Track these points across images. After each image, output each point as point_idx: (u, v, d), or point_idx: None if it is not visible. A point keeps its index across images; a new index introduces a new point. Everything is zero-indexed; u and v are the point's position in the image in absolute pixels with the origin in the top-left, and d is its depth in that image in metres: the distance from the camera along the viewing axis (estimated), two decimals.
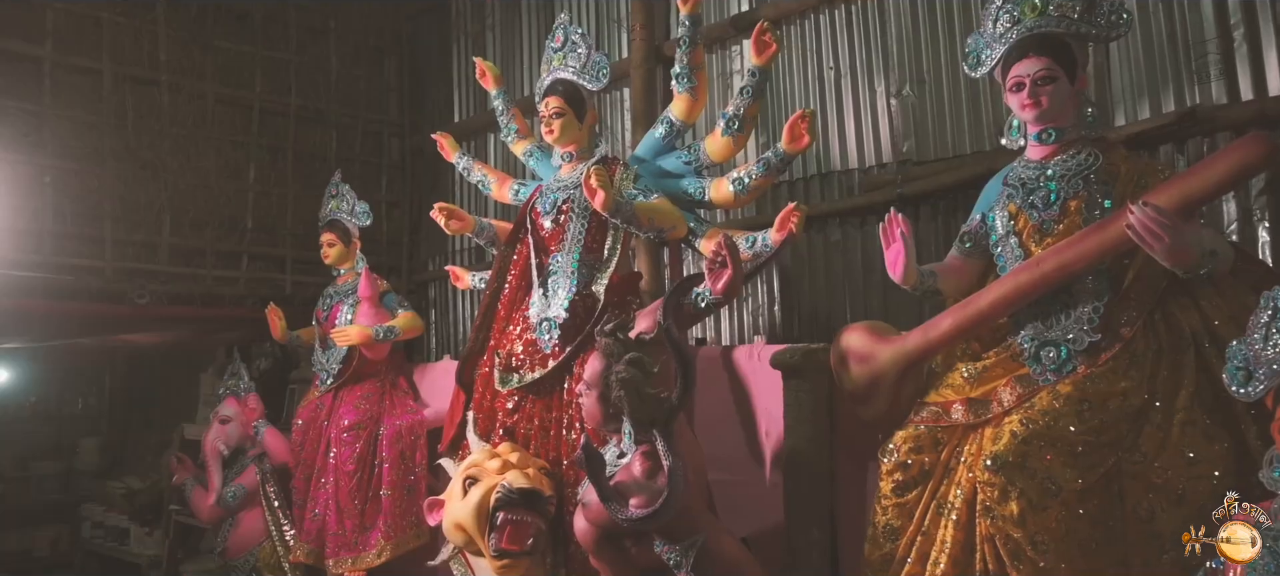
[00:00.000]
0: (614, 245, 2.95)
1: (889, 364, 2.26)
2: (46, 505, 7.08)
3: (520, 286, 3.19)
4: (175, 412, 6.57)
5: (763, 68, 2.74)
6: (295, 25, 5.04)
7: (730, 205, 2.86)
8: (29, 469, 7.28)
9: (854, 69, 3.58)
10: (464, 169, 3.62)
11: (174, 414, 6.55)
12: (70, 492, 7.18)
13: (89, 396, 7.85)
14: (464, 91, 5.34)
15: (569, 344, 2.89)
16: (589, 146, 3.10)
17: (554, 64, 3.11)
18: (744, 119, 2.79)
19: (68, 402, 7.75)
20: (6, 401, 7.42)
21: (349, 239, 4.11)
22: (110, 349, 6.57)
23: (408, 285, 5.33)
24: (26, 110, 4.05)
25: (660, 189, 2.92)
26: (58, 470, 7.33)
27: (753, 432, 2.87)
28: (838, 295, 3.55)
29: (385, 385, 3.93)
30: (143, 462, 6.94)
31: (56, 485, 7.30)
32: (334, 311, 4.00)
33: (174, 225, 4.43)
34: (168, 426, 6.46)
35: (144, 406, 7.54)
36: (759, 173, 2.72)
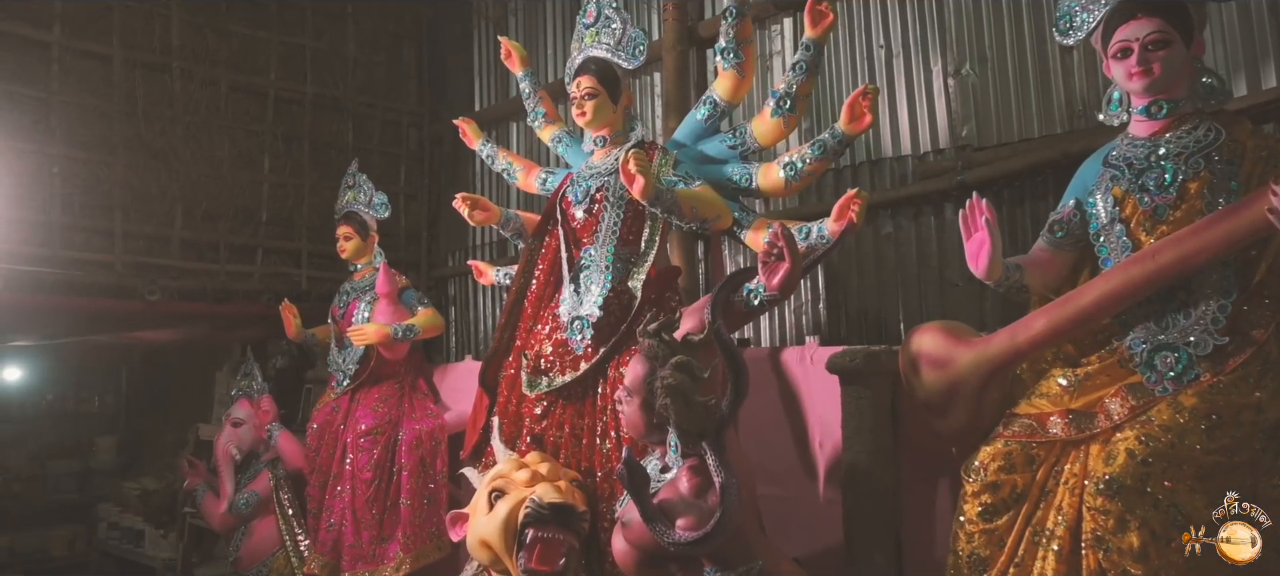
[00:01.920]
0: (652, 237, 2.70)
1: (969, 370, 1.99)
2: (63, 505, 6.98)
3: (549, 282, 2.95)
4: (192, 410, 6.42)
5: (817, 41, 2.48)
6: (312, 10, 4.84)
7: (780, 193, 2.61)
8: (45, 467, 7.17)
9: (907, 46, 3.31)
10: (487, 157, 3.39)
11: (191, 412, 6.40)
12: (86, 492, 7.07)
13: (105, 393, 7.72)
14: (485, 78, 5.11)
15: (603, 344, 2.65)
16: (624, 130, 2.86)
17: (586, 41, 2.87)
18: (796, 97, 2.53)
19: (84, 400, 7.63)
20: (23, 399, 7.31)
21: (366, 232, 3.89)
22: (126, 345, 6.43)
23: (427, 281, 5.12)
24: (33, 97, 3.86)
25: (702, 175, 2.68)
26: (74, 469, 7.22)
27: (805, 443, 2.62)
28: (889, 292, 3.29)
29: (404, 387, 3.71)
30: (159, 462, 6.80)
31: (73, 484, 7.19)
32: (350, 309, 3.79)
33: (186, 217, 4.23)
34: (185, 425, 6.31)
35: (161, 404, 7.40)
36: (814, 156, 2.46)
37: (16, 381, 7.21)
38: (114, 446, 7.34)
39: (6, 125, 3.75)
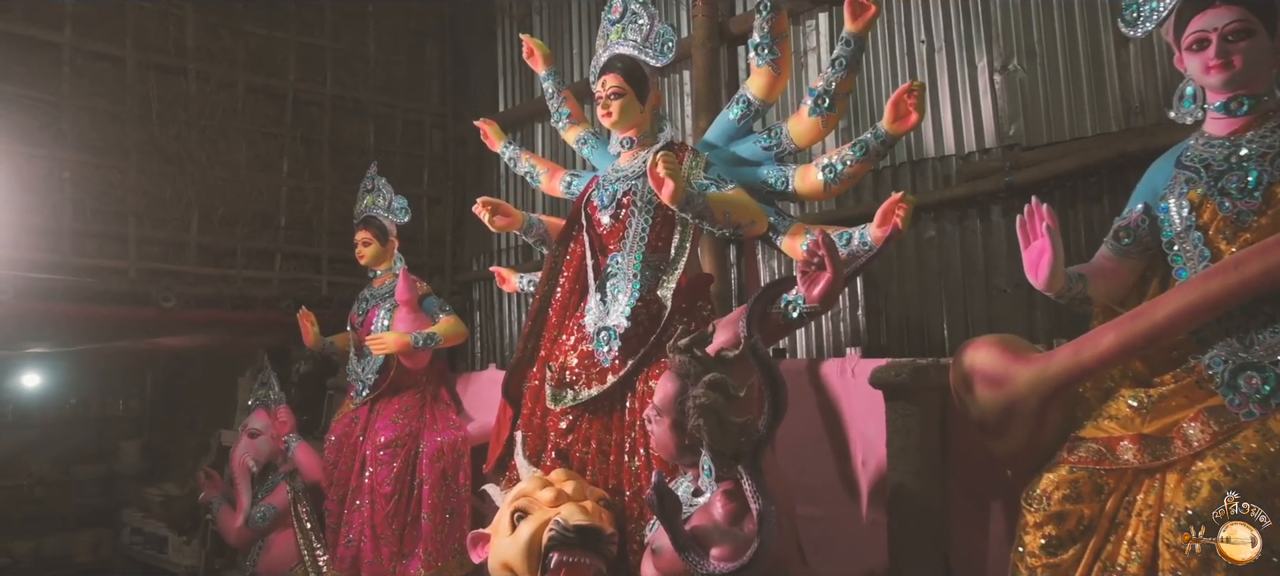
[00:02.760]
0: (682, 243, 2.56)
1: (1028, 388, 1.83)
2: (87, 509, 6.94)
3: (574, 290, 2.82)
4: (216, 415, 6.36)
5: (859, 35, 2.33)
6: (331, 9, 4.73)
7: (819, 196, 2.46)
8: (70, 472, 7.14)
9: (950, 41, 3.15)
10: (510, 159, 3.26)
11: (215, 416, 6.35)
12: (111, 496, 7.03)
13: (130, 397, 7.70)
14: (509, 78, 4.99)
15: (631, 356, 2.52)
16: (652, 131, 2.72)
17: (612, 38, 2.74)
18: (836, 95, 2.38)
19: (109, 404, 7.61)
20: (46, 403, 7.30)
21: (386, 237, 3.78)
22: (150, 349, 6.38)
23: (450, 286, 5.00)
24: (44, 100, 3.78)
25: (735, 178, 2.54)
26: (98, 474, 7.18)
27: (846, 460, 2.46)
28: (932, 299, 3.12)
29: (425, 397, 3.60)
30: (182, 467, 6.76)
31: (97, 489, 7.15)
32: (370, 316, 3.68)
33: (202, 222, 4.14)
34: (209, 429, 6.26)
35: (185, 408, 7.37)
36: (855, 157, 2.31)
37: (41, 386, 7.20)
38: (138, 450, 7.31)
39: (16, 129, 3.68)
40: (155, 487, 6.33)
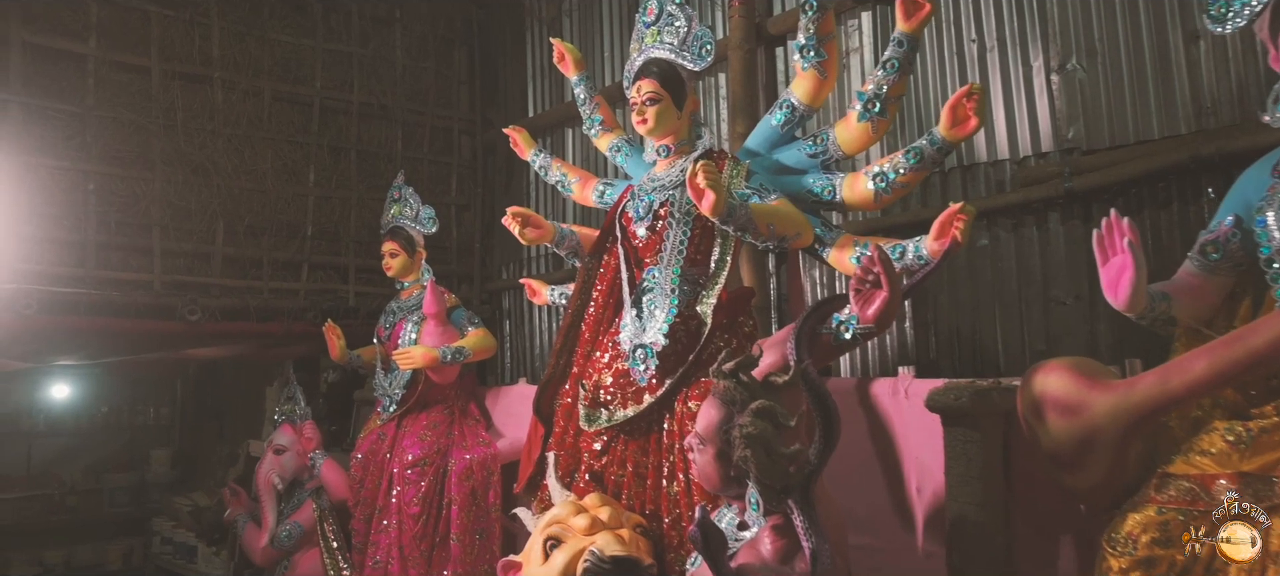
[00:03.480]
0: (723, 256, 2.42)
1: (1108, 418, 1.68)
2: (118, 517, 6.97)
3: (608, 305, 2.69)
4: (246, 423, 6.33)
5: (912, 35, 2.18)
6: (358, 14, 4.66)
7: (868, 207, 2.31)
8: (101, 480, 7.17)
9: (1003, 39, 2.99)
10: (541, 167, 3.14)
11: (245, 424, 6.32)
12: (142, 505, 7.04)
13: (161, 405, 7.71)
14: (539, 83, 4.88)
15: (669, 376, 2.39)
16: (690, 138, 2.58)
17: (646, 41, 2.60)
18: (887, 99, 2.23)
19: (140, 412, 7.63)
20: (78, 411, 7.33)
21: (413, 248, 3.67)
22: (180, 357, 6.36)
23: (480, 295, 4.90)
24: (69, 111, 3.73)
25: (778, 187, 2.39)
26: (129, 482, 7.20)
27: (900, 487, 2.31)
28: (985, 312, 2.96)
29: (454, 413, 3.49)
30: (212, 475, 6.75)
31: (128, 497, 7.17)
32: (397, 329, 3.58)
33: (228, 233, 4.08)
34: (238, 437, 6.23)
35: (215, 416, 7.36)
36: (909, 165, 2.16)
37: (72, 394, 7.23)
38: (168, 459, 7.32)
39: (41, 142, 3.63)
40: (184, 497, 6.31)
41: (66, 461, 7.22)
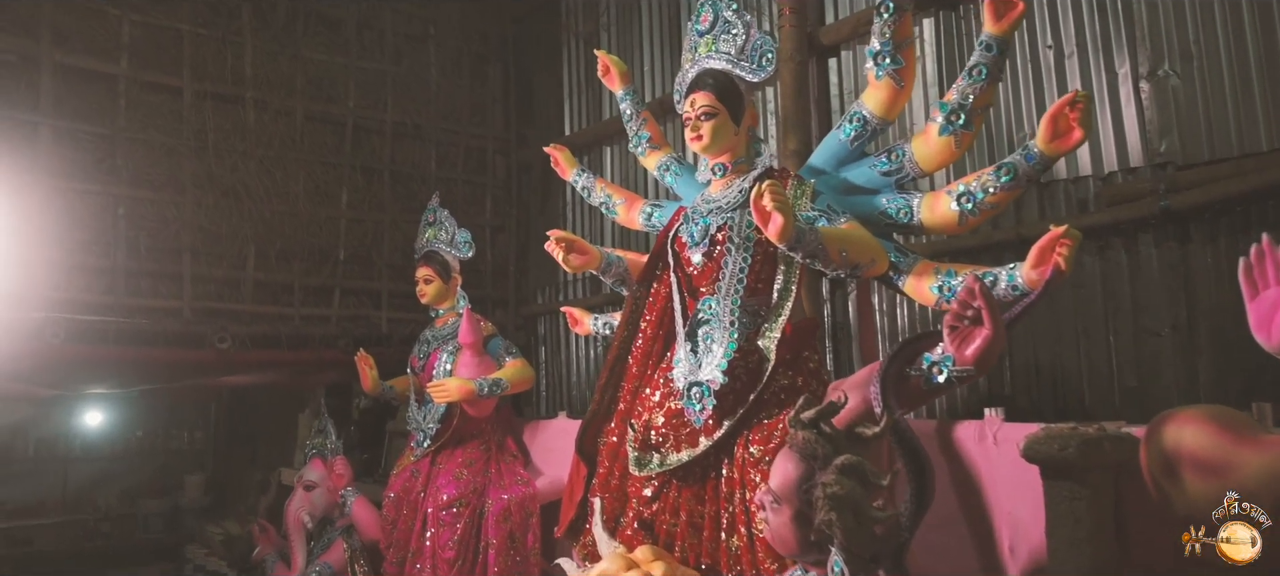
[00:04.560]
0: (787, 285, 2.21)
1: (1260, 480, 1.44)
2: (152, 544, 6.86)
3: (657, 337, 2.49)
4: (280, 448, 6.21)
5: (1002, 38, 1.96)
6: (392, 32, 4.53)
7: (952, 230, 2.08)
8: (135, 506, 7.09)
9: (1083, 44, 2.76)
10: (583, 189, 2.95)
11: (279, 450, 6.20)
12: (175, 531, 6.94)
13: (195, 430, 7.63)
14: (576, 100, 4.71)
15: (728, 417, 2.18)
16: (748, 155, 2.38)
17: (701, 50, 2.41)
18: (973, 110, 2.01)
19: (174, 437, 7.56)
20: (113, 436, 7.28)
21: (448, 274, 3.50)
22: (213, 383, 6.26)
23: (515, 320, 4.73)
24: (98, 134, 3.63)
25: (847, 208, 2.18)
26: (163, 508, 7.10)
27: (990, 547, 2.07)
28: (1067, 344, 2.71)
29: (490, 448, 3.30)
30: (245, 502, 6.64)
31: (162, 523, 7.07)
32: (431, 359, 3.40)
33: (259, 258, 3.94)
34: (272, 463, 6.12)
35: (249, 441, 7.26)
36: (1001, 183, 1.93)
37: (107, 419, 7.18)
38: (202, 484, 7.22)
39: (69, 165, 3.52)
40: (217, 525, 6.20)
41: (102, 486, 7.16)
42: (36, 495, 6.84)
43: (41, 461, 6.94)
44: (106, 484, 7.10)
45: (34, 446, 7.04)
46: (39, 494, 6.85)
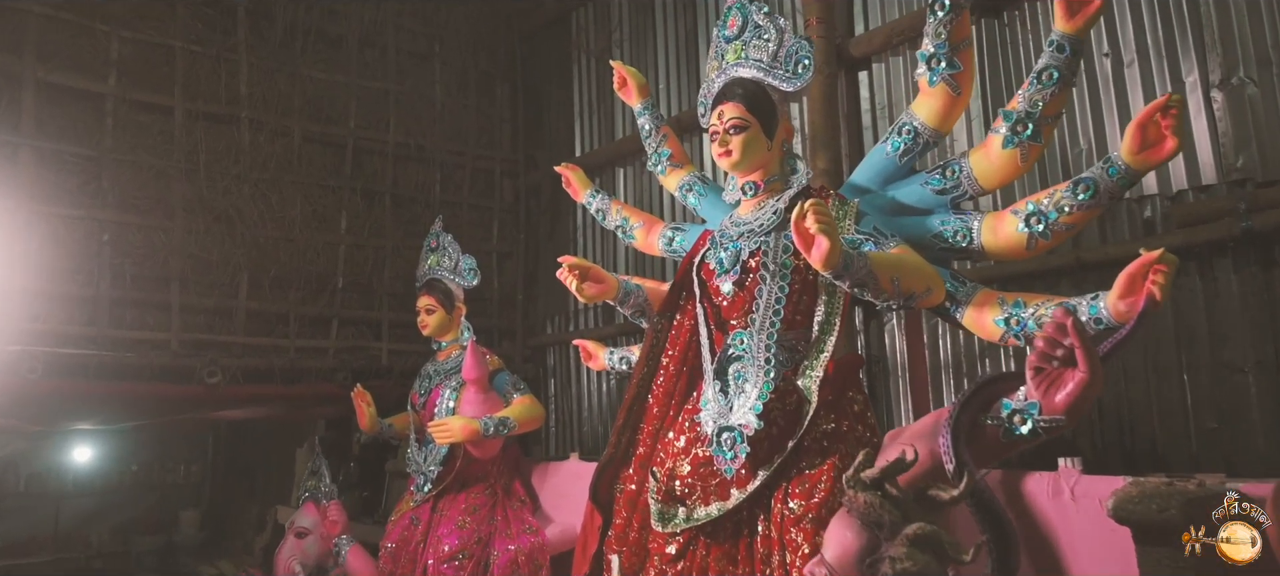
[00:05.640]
0: (829, 318, 1.97)
1: None
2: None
3: (680, 374, 2.24)
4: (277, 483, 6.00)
5: (1076, 36, 1.73)
6: (395, 50, 4.34)
7: (1019, 255, 1.83)
8: (129, 543, 6.87)
9: (1145, 50, 2.53)
10: (597, 211, 2.72)
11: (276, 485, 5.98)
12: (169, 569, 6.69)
13: (191, 463, 7.41)
14: (587, 120, 4.50)
15: (763, 466, 1.93)
16: (782, 173, 2.14)
17: (728, 58, 2.18)
18: (1041, 119, 1.77)
19: (170, 470, 7.34)
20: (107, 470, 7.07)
21: (451, 303, 3.27)
22: None
23: (522, 352, 4.48)
24: (83, 156, 3.42)
25: (896, 230, 1.94)
26: (157, 545, 6.89)
27: None
28: (1136, 382, 2.45)
29: (496, 494, 3.05)
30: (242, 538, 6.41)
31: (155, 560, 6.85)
32: (433, 396, 3.16)
33: (252, 287, 3.72)
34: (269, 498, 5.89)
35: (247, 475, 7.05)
36: (1079, 201, 1.69)
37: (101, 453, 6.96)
38: (197, 520, 6.99)
39: (52, 189, 3.31)
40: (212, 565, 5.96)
41: (94, 522, 6.94)
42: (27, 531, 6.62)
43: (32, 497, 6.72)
44: (99, 520, 6.88)
45: (25, 481, 6.82)
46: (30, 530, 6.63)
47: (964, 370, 2.76)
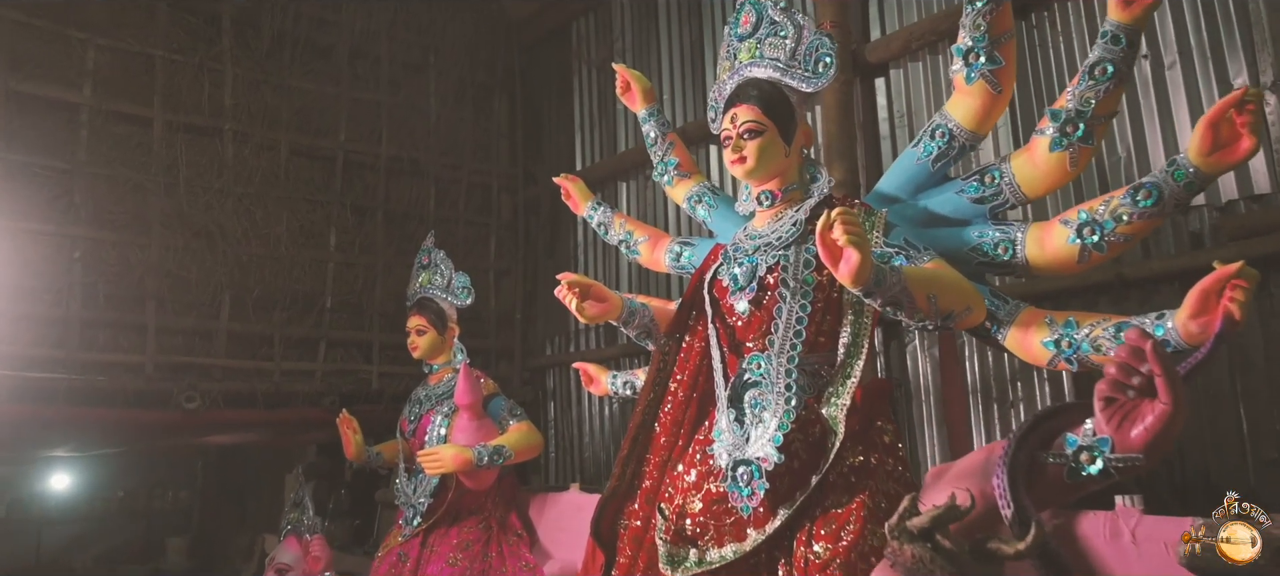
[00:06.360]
0: (856, 338, 1.78)
1: None
2: None
3: (690, 401, 2.05)
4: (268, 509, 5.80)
5: (1132, 26, 1.55)
6: (388, 60, 4.17)
7: (1069, 269, 1.64)
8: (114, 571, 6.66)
9: (1187, 51, 2.36)
10: (598, 225, 2.54)
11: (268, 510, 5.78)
12: None
13: (179, 489, 7.21)
14: (587, 133, 4.33)
15: (784, 505, 1.74)
16: (801, 181, 1.96)
17: (741, 58, 2.01)
18: (1094, 119, 1.59)
19: (157, 496, 7.14)
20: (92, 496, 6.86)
21: (443, 324, 3.08)
22: None
23: (521, 374, 4.29)
24: (56, 168, 3.25)
25: (929, 243, 1.76)
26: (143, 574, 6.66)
27: None
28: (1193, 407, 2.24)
29: (491, 527, 2.85)
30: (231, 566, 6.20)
31: None
32: (423, 423, 2.96)
33: (234, 307, 3.54)
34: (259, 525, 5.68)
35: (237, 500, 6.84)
36: (1140, 209, 1.51)
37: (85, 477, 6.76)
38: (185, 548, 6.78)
39: (21, 203, 3.14)
40: None
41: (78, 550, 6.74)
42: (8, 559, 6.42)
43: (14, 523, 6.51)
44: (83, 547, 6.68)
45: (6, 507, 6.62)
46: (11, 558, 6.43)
47: (992, 394, 2.57)
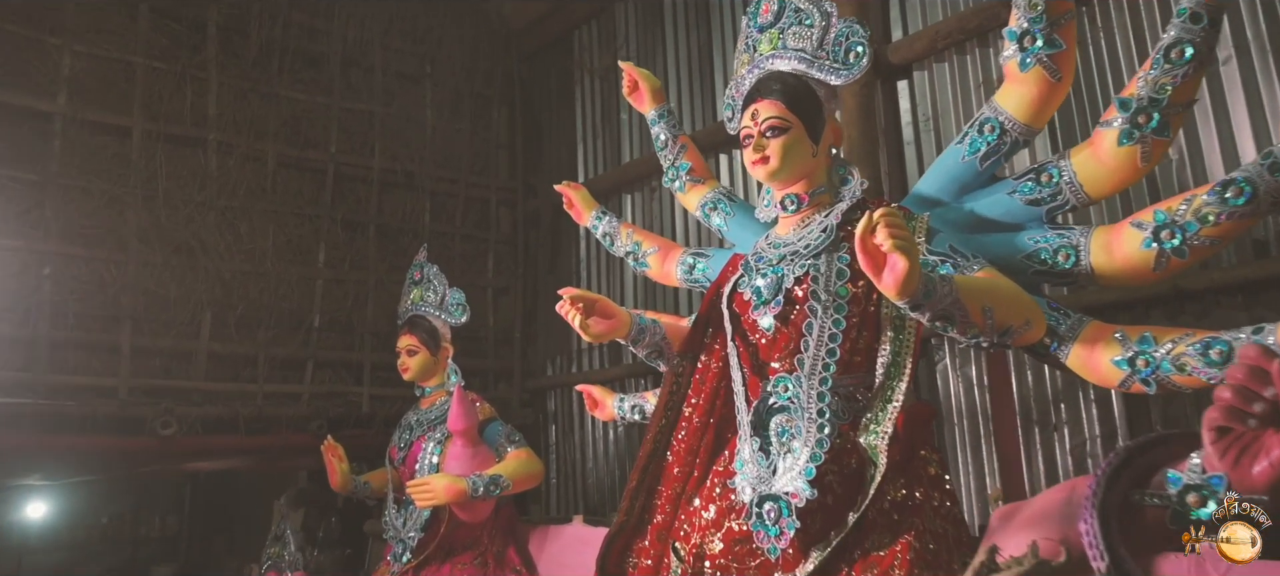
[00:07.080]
0: (898, 358, 1.59)
1: None
2: None
3: (706, 427, 1.86)
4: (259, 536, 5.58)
5: (1214, 7, 1.36)
6: (382, 69, 3.99)
7: (1143, 279, 1.45)
8: None
9: (1244, 46, 2.18)
10: (603, 236, 2.35)
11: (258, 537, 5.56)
12: None
13: (167, 515, 6.99)
14: (590, 144, 4.14)
15: (818, 546, 1.54)
16: (830, 184, 1.77)
17: (762, 49, 1.83)
18: (1169, 108, 1.41)
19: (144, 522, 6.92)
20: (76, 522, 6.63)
21: (436, 343, 2.88)
22: None
23: (520, 396, 4.08)
24: (26, 180, 3.05)
25: (978, 250, 1.57)
26: None
27: None
28: None
29: (487, 563, 2.64)
30: None
31: None
32: (414, 450, 2.76)
33: (216, 326, 3.33)
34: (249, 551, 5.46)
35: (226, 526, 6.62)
36: (1232, 208, 1.32)
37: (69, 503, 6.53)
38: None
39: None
40: None
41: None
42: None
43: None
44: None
45: None
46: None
47: (1033, 417, 2.37)
